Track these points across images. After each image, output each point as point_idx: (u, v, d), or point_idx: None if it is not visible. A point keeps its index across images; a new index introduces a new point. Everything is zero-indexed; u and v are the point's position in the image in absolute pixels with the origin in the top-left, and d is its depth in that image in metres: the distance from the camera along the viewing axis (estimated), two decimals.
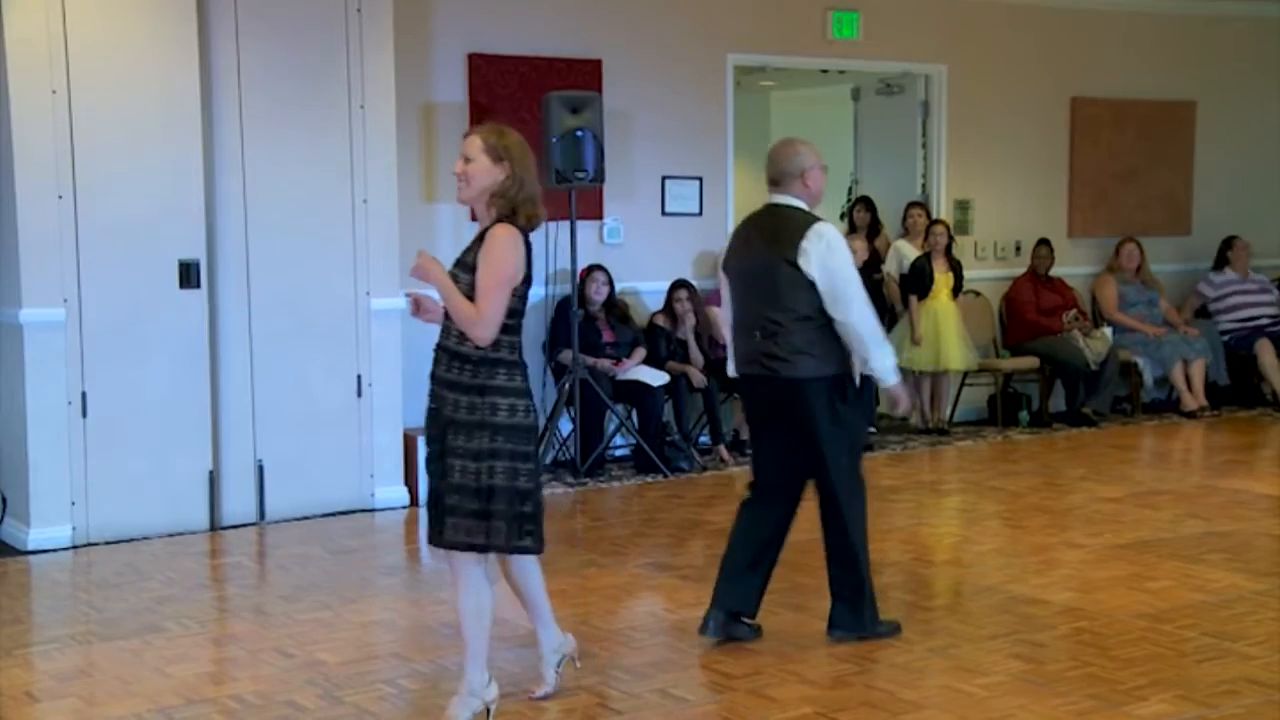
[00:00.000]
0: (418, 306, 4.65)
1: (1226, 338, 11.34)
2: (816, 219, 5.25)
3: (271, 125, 7.55)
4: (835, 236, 5.21)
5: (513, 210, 4.46)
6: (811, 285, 5.14)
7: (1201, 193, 11.99)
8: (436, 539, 4.49)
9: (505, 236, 4.41)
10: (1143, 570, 6.45)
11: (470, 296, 4.38)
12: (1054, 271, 10.99)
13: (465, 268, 4.45)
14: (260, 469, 7.59)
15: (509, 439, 4.42)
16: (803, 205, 5.33)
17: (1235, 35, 12.00)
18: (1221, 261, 11.62)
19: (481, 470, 4.38)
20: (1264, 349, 11.13)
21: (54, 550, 6.99)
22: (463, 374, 4.42)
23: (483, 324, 4.36)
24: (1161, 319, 11.18)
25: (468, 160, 4.47)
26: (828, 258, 5.11)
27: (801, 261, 5.13)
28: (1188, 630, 5.52)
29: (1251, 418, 11.00)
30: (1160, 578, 6.31)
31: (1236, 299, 11.45)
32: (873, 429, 9.81)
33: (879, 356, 5.23)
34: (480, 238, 4.48)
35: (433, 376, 4.54)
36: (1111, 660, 5.17)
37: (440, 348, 4.52)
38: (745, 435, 9.46)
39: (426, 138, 8.90)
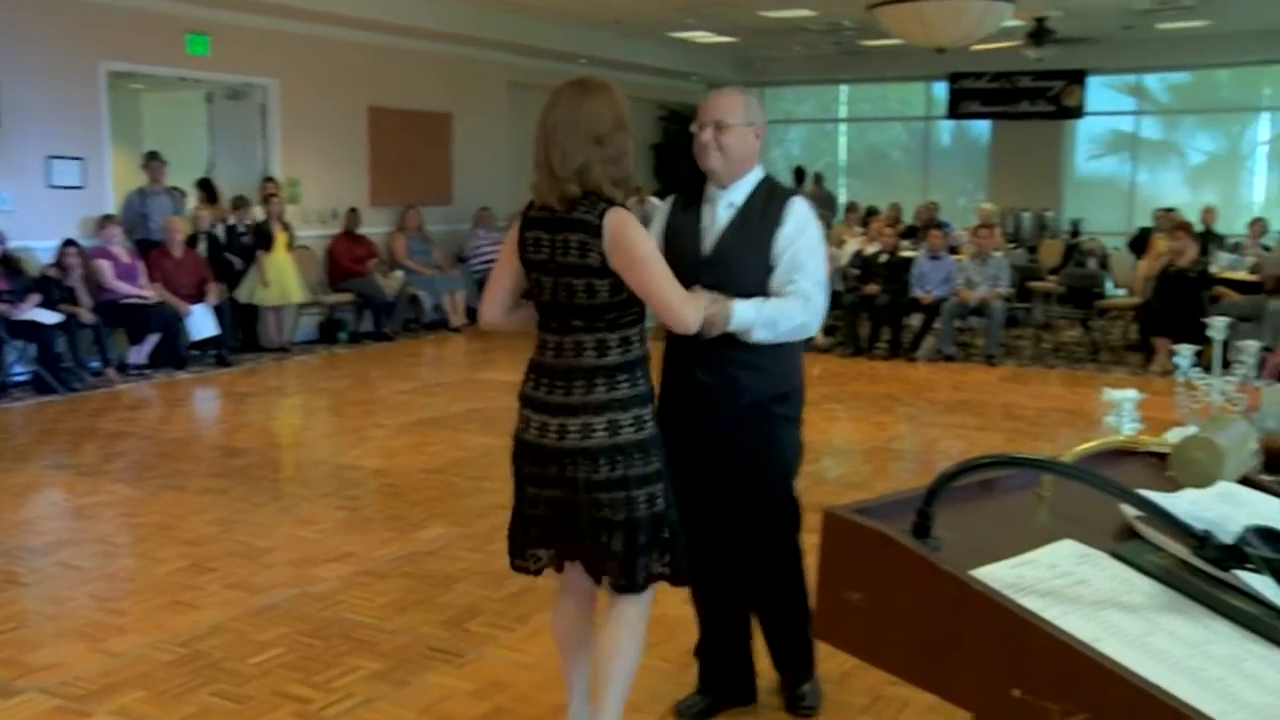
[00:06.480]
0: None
1: (476, 275, 11.86)
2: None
3: None
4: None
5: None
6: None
7: (459, 176, 12.43)
8: (632, 585, 2.59)
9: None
10: (425, 439, 6.69)
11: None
12: (361, 230, 10.98)
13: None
14: None
15: (660, 455, 2.63)
16: None
17: (474, 67, 12.48)
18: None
19: (655, 495, 2.59)
20: None
21: None
22: (616, 390, 2.54)
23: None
24: (434, 262, 11.49)
25: None
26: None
27: None
28: (455, 478, 5.82)
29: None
30: (438, 443, 6.58)
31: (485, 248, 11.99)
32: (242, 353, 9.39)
33: None
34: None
35: (545, 405, 2.57)
36: (406, 503, 5.35)
37: (567, 369, 2.55)
38: (131, 359, 8.74)
39: None
